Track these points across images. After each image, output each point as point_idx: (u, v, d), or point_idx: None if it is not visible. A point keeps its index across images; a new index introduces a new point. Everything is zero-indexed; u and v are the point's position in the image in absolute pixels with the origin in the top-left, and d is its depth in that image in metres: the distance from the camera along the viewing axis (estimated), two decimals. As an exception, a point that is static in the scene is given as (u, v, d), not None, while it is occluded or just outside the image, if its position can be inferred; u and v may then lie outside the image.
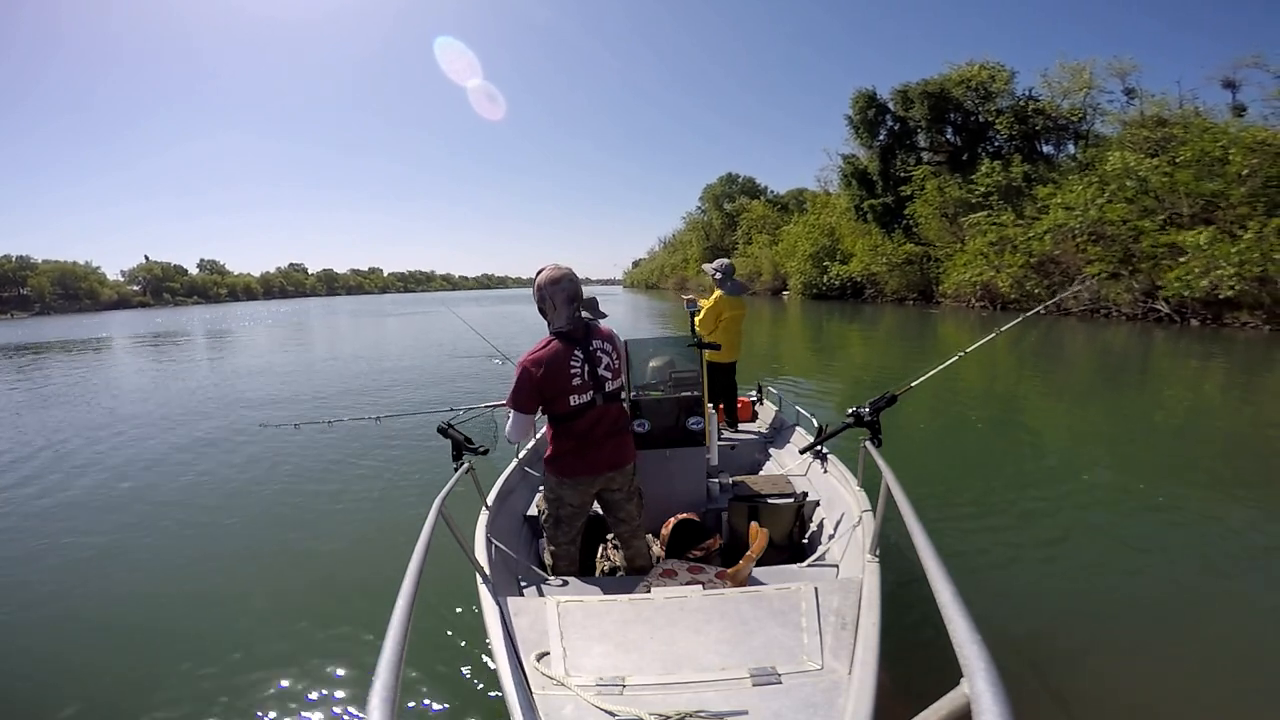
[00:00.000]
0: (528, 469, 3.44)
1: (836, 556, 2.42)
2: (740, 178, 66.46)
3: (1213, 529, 3.95)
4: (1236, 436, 6.26)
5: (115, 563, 4.00)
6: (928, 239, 28.65)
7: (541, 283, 2.29)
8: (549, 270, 2.31)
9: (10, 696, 2.73)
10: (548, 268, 2.32)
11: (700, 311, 4.33)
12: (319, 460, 5.89)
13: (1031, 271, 21.98)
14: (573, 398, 2.26)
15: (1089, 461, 5.39)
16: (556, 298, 2.26)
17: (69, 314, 77.74)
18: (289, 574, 3.73)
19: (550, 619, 1.74)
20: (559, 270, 2.31)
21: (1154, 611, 2.97)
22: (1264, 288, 14.90)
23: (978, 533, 3.83)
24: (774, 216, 50.69)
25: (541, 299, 2.30)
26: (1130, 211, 19.20)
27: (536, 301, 2.33)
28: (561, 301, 2.27)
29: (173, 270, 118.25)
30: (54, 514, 4.92)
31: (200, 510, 4.81)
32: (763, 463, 4.12)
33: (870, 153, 32.86)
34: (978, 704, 0.76)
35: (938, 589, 1.05)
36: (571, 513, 2.42)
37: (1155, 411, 7.56)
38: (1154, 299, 17.63)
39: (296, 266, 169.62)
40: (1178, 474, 5.07)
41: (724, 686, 1.47)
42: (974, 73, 29.04)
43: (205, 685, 2.63)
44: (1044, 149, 28.13)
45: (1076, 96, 26.42)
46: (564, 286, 2.27)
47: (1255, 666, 2.56)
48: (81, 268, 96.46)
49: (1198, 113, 21.89)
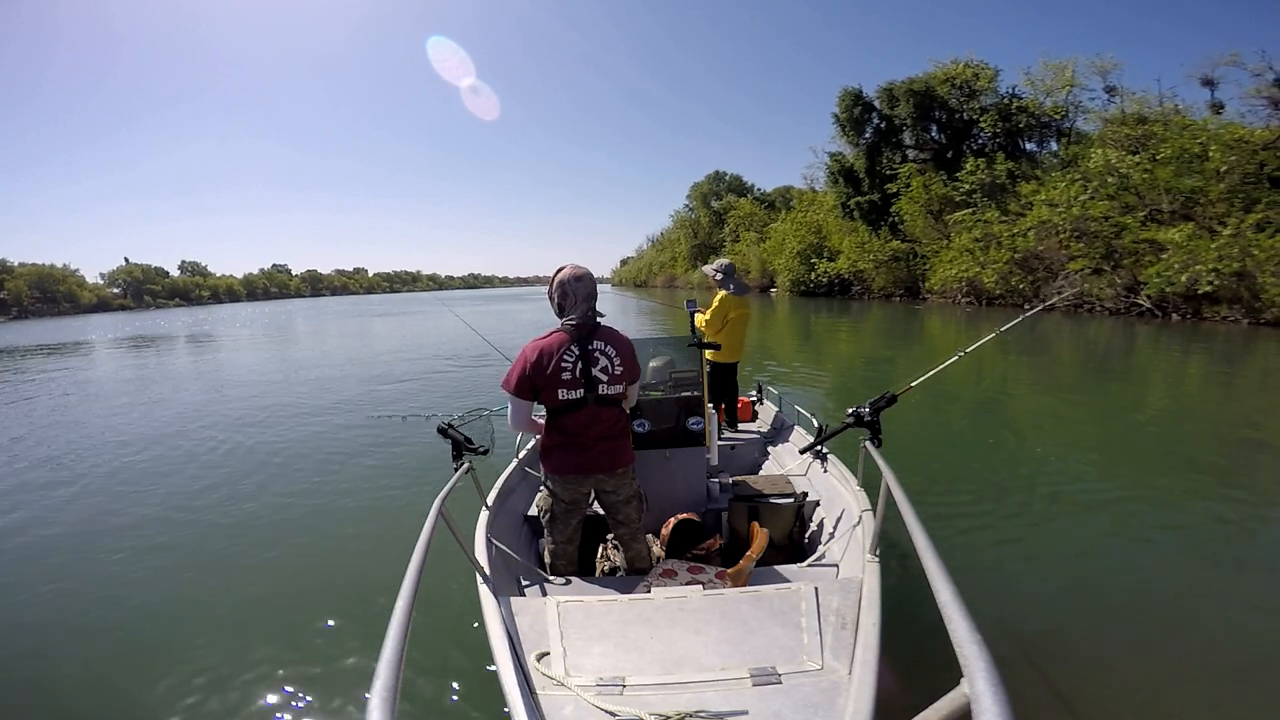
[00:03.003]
0: (528, 469, 3.42)
1: (836, 556, 2.43)
2: (727, 176, 66.73)
3: (1211, 526, 3.96)
4: (1225, 432, 6.36)
5: (114, 563, 3.96)
6: (914, 236, 28.89)
7: (564, 279, 2.35)
8: (570, 268, 2.39)
9: (10, 697, 2.70)
10: (569, 266, 2.41)
11: (702, 312, 4.34)
12: (318, 460, 5.85)
13: (1016, 268, 22.23)
14: (561, 391, 2.28)
15: (1084, 459, 5.44)
16: (578, 293, 2.33)
17: (48, 317, 76.29)
18: (289, 574, 3.70)
19: (550, 619, 1.74)
20: (580, 268, 2.39)
21: (1154, 610, 2.98)
22: (1242, 283, 15.17)
23: (977, 532, 3.84)
24: (761, 214, 50.93)
25: (563, 295, 2.35)
26: (1112, 208, 19.50)
27: (556, 298, 2.37)
28: (582, 298, 2.33)
29: (154, 272, 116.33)
30: (54, 513, 4.86)
31: (199, 511, 4.76)
32: (763, 463, 4.12)
33: (857, 150, 33.06)
34: (978, 704, 0.77)
35: (938, 589, 1.06)
36: (564, 509, 2.43)
37: (1144, 407, 7.68)
38: (1136, 294, 17.90)
39: (280, 267, 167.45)
40: (1173, 471, 5.11)
41: (724, 686, 1.47)
42: (958, 71, 29.34)
43: (204, 686, 2.61)
44: (1027, 146, 28.50)
45: (1059, 94, 26.79)
46: (585, 284, 2.35)
47: (1255, 664, 2.57)
48: (60, 270, 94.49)
49: (1177, 110, 22.32)
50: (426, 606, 2.87)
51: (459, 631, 2.80)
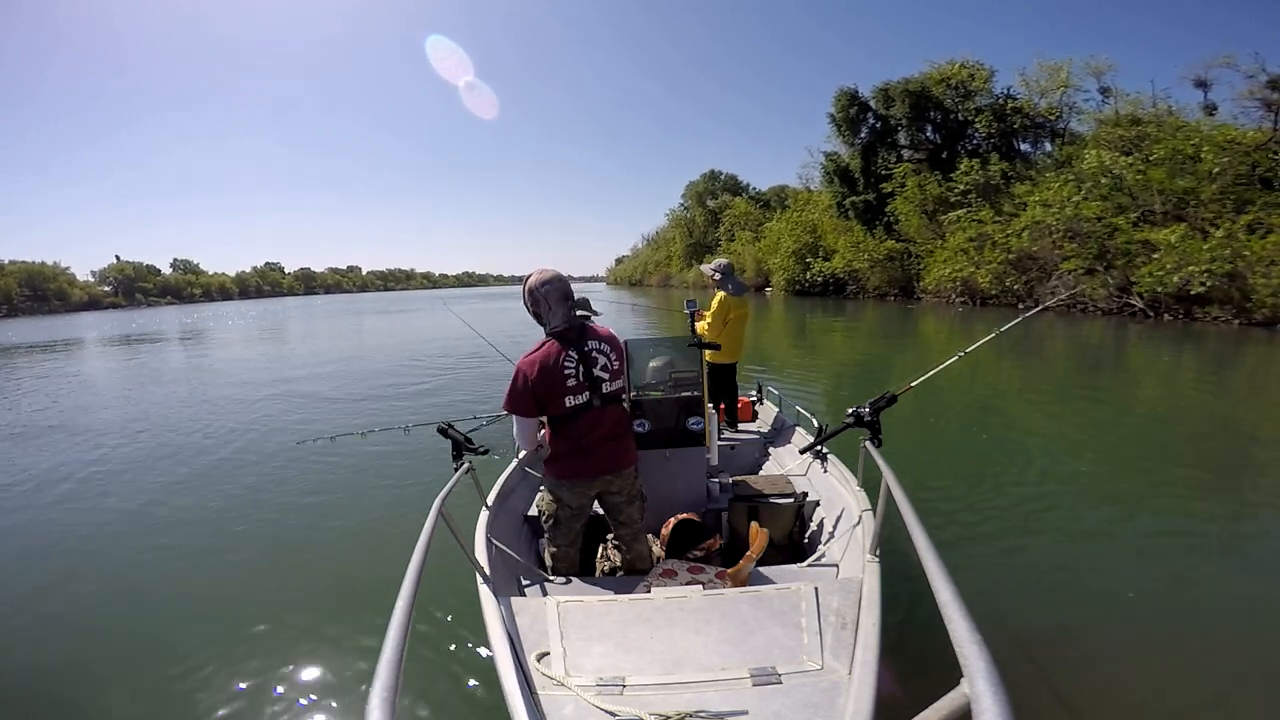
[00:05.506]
0: (528, 469, 3.42)
1: (836, 556, 2.43)
2: (723, 175, 66.60)
3: (1210, 526, 3.98)
4: (1220, 431, 6.40)
5: (113, 564, 3.95)
6: (909, 236, 28.93)
7: (532, 285, 2.32)
8: (537, 274, 2.35)
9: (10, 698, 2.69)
10: (535, 272, 2.36)
11: (701, 312, 4.34)
12: (318, 460, 5.82)
13: (1010, 267, 22.32)
14: (568, 399, 2.27)
15: (1082, 458, 5.46)
16: (550, 297, 2.29)
17: (38, 315, 75.58)
18: (288, 574, 3.70)
19: (550, 619, 1.74)
20: (547, 271, 2.35)
21: (1153, 610, 2.99)
22: (1233, 284, 15.27)
23: (978, 532, 3.84)
24: (756, 214, 50.89)
25: (535, 301, 2.32)
26: (1105, 209, 19.60)
27: (529, 306, 2.35)
28: (556, 300, 2.29)
29: (145, 270, 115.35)
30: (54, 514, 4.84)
31: (199, 511, 4.75)
32: (763, 463, 4.12)
33: (852, 150, 33.07)
34: (978, 704, 0.77)
35: (938, 589, 1.06)
36: (570, 514, 2.42)
37: (1139, 406, 7.73)
38: (1128, 294, 17.99)
39: (273, 265, 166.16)
40: (1171, 471, 5.13)
41: (724, 686, 1.47)
42: (954, 71, 29.42)
43: (203, 685, 2.61)
44: (1021, 147, 28.66)
45: (1054, 95, 26.93)
46: (555, 286, 2.30)
47: (1255, 663, 2.58)
48: (50, 268, 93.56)
49: (1170, 111, 22.50)
50: (426, 606, 2.89)
51: (459, 631, 2.80)
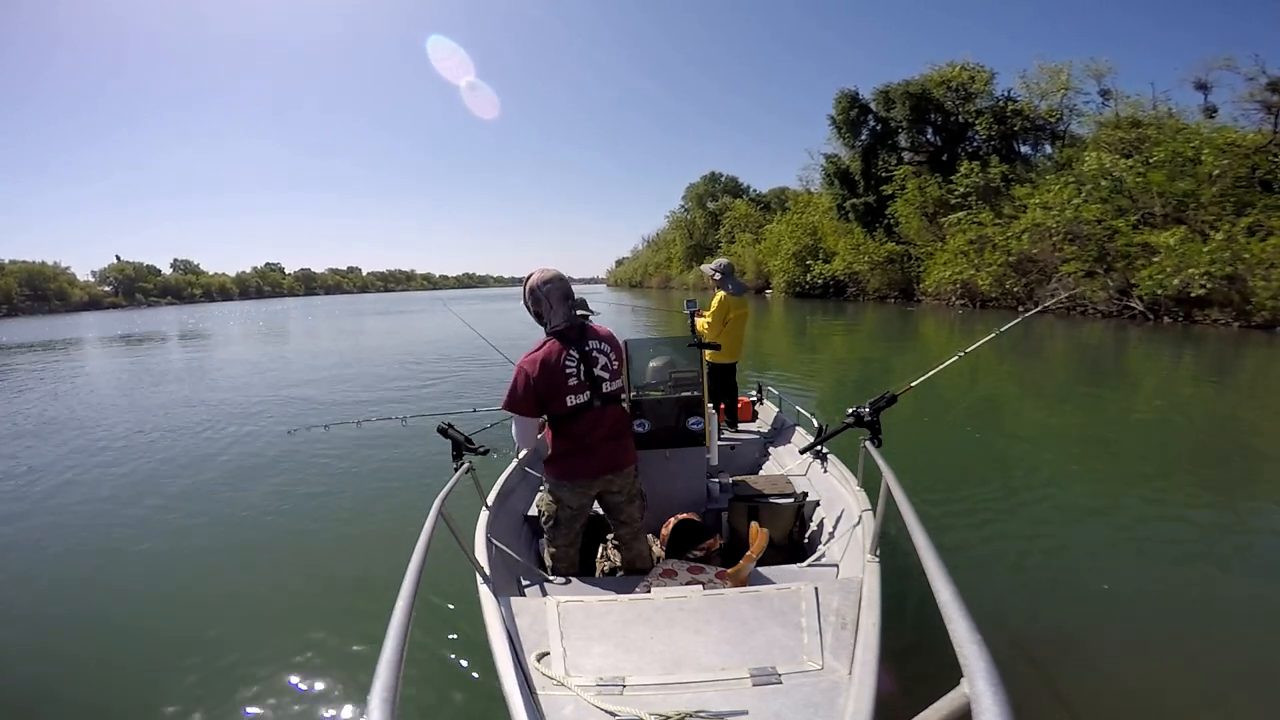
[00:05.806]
0: (528, 469, 3.43)
1: (836, 556, 2.43)
2: (723, 177, 66.69)
3: (1209, 526, 3.97)
4: (1219, 432, 6.41)
5: (114, 561, 3.95)
6: (909, 238, 28.95)
7: (534, 284, 2.33)
8: (538, 273, 2.36)
9: (10, 699, 2.69)
10: (536, 271, 2.37)
11: (701, 312, 4.34)
12: (318, 460, 5.82)
13: (1010, 270, 22.33)
14: (569, 398, 2.27)
15: (1082, 458, 5.46)
16: (552, 296, 2.30)
17: (38, 315, 75.63)
18: (288, 574, 3.69)
19: (550, 619, 1.74)
20: (548, 270, 2.36)
21: (1153, 610, 2.99)
22: (1233, 286, 15.28)
23: (978, 532, 3.84)
24: (757, 215, 50.90)
25: (536, 300, 2.33)
26: (1105, 211, 19.61)
27: (530, 305, 2.36)
28: (557, 300, 2.30)
29: (145, 270, 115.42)
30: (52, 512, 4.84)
31: (196, 510, 4.74)
32: (763, 463, 4.12)
33: (852, 152, 33.09)
34: (978, 704, 0.77)
35: (938, 589, 1.06)
36: (570, 515, 2.42)
37: (1139, 408, 7.73)
38: (1128, 297, 18.00)
39: (273, 266, 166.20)
40: (1171, 472, 5.13)
41: (724, 686, 1.47)
42: (954, 73, 29.46)
43: (205, 685, 2.60)
44: (1021, 149, 28.66)
45: (1054, 98, 26.95)
46: (556, 285, 2.31)
47: (1254, 663, 2.58)
48: (50, 268, 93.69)
49: (1170, 114, 22.51)
50: (426, 606, 2.89)
51: (459, 631, 2.80)
